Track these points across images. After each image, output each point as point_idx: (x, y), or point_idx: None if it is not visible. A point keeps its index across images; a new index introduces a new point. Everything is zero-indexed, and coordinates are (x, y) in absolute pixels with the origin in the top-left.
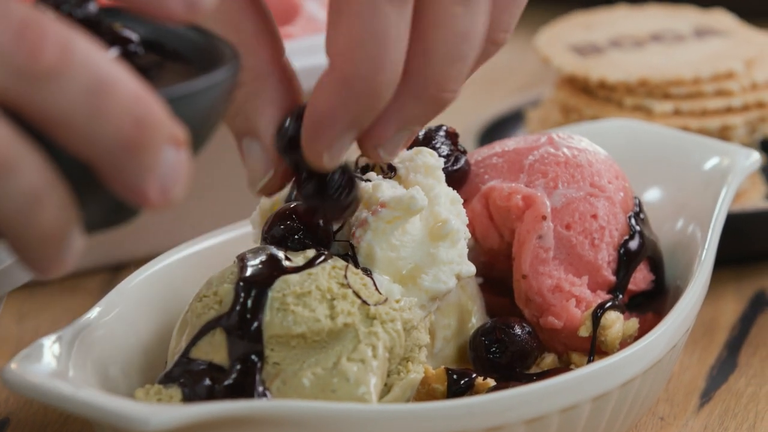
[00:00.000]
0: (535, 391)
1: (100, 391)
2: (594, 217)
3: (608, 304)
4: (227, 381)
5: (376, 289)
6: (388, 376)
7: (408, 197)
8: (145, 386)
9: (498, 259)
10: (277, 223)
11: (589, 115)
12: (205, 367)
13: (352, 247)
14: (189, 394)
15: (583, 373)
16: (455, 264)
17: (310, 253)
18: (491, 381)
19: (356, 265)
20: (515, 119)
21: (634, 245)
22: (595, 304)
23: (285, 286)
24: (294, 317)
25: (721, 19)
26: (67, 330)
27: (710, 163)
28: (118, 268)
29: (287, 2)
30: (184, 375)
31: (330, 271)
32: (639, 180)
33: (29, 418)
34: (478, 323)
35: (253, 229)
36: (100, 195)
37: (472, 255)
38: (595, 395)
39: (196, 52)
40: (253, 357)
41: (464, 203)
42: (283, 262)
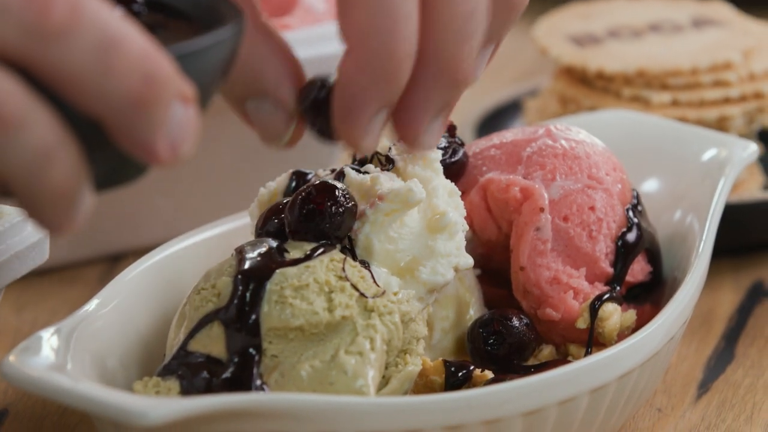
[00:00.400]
0: (533, 383)
1: (99, 383)
2: (592, 209)
3: (606, 295)
4: (225, 374)
5: (374, 281)
6: (386, 369)
7: (406, 190)
8: (144, 379)
9: (496, 250)
10: (271, 218)
11: (587, 106)
12: (203, 360)
13: (350, 239)
14: (187, 386)
15: (580, 365)
16: (453, 256)
17: (308, 245)
18: (489, 373)
19: (354, 257)
20: (513, 109)
21: (631, 237)
22: (592, 296)
23: (283, 279)
24: (292, 310)
25: (719, 9)
26: (65, 322)
27: (708, 155)
28: (116, 259)
29: None
30: (182, 368)
31: (328, 263)
32: (637, 171)
33: (28, 409)
34: (476, 315)
35: (251, 221)
36: (110, 152)
37: (470, 247)
38: (592, 387)
39: (199, 11)
40: (251, 350)
41: (462, 195)
42: (281, 254)
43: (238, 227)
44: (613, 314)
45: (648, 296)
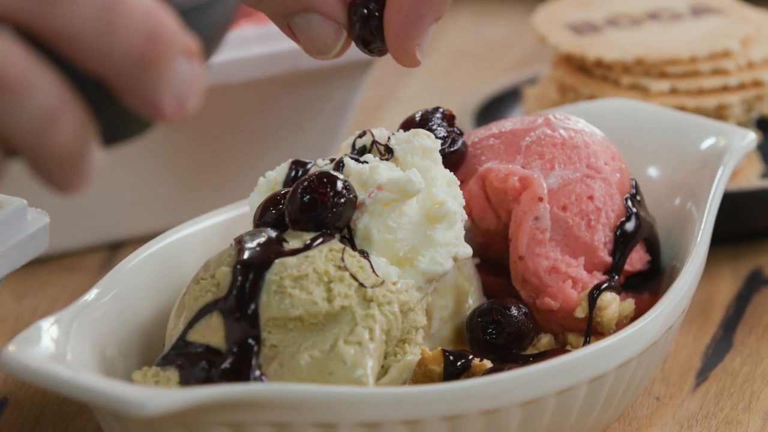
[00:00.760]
0: (532, 373)
1: (99, 374)
2: (590, 198)
3: (604, 285)
4: (224, 364)
5: (373, 271)
6: (385, 358)
7: (405, 179)
8: (143, 368)
9: (495, 239)
10: (269, 209)
11: (586, 94)
12: (202, 350)
13: (350, 229)
14: (186, 376)
15: (579, 355)
16: (452, 246)
17: (308, 235)
18: (488, 362)
19: (353, 247)
20: (512, 97)
21: (630, 226)
22: (591, 285)
23: (282, 269)
24: (291, 300)
25: None
26: (65, 312)
27: (707, 144)
28: (116, 247)
29: None
30: (181, 358)
31: (327, 253)
32: (636, 160)
33: (28, 398)
34: (475, 304)
35: (251, 210)
36: (116, 110)
37: (469, 236)
38: (591, 377)
39: None
40: (250, 340)
41: (461, 184)
42: (281, 244)
43: (237, 216)
44: (612, 303)
45: (646, 285)
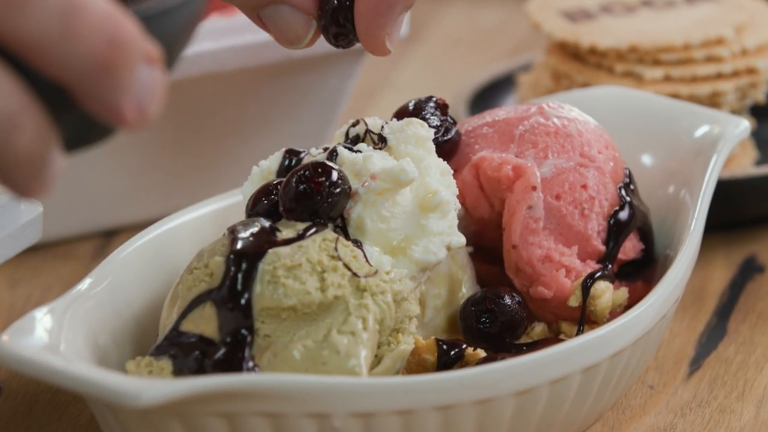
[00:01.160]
0: (525, 363)
1: (92, 364)
2: (584, 187)
3: (598, 273)
4: (217, 354)
5: (367, 261)
6: (379, 348)
7: (398, 169)
8: (136, 358)
9: (488, 228)
10: (261, 199)
11: (580, 82)
12: (195, 340)
13: (343, 219)
14: (180, 366)
15: (572, 345)
16: (445, 235)
17: (301, 225)
18: (481, 352)
19: (347, 236)
20: (506, 84)
21: (623, 215)
22: (584, 274)
23: (276, 259)
24: (284, 290)
25: None
26: (58, 302)
27: (700, 132)
28: (110, 234)
29: None
30: (174, 347)
31: (320, 243)
32: (629, 148)
33: (22, 387)
34: (468, 293)
35: (244, 199)
36: (77, 115)
37: (463, 224)
38: (584, 367)
39: None
40: (244, 330)
41: (455, 173)
42: (274, 234)
43: (231, 205)
44: (605, 292)
45: (640, 273)
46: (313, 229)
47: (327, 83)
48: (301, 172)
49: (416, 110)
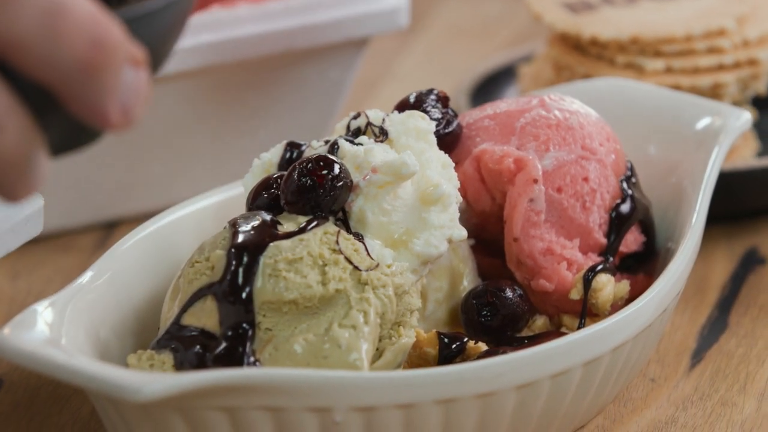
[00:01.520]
0: (526, 357)
1: (94, 357)
2: (585, 179)
3: (599, 266)
4: (219, 348)
5: (368, 254)
6: (380, 341)
7: (399, 162)
8: (138, 352)
9: (490, 221)
10: (261, 193)
11: (581, 73)
12: (196, 334)
13: (344, 212)
14: (181, 360)
15: (573, 338)
16: (447, 228)
17: (302, 218)
18: (483, 345)
19: (348, 230)
20: (507, 75)
21: (625, 208)
22: (586, 267)
23: (277, 252)
24: (286, 283)
25: None
26: (59, 295)
27: (702, 123)
28: (111, 226)
29: None
30: (175, 341)
31: (321, 236)
32: (631, 140)
33: (23, 380)
34: (469, 286)
35: (246, 192)
36: (62, 118)
37: (464, 217)
38: (585, 360)
39: None
40: (245, 324)
41: (456, 166)
42: (275, 228)
43: (232, 197)
44: (607, 285)
45: (641, 266)
46: (315, 223)
47: (328, 75)
48: (303, 165)
49: (417, 103)
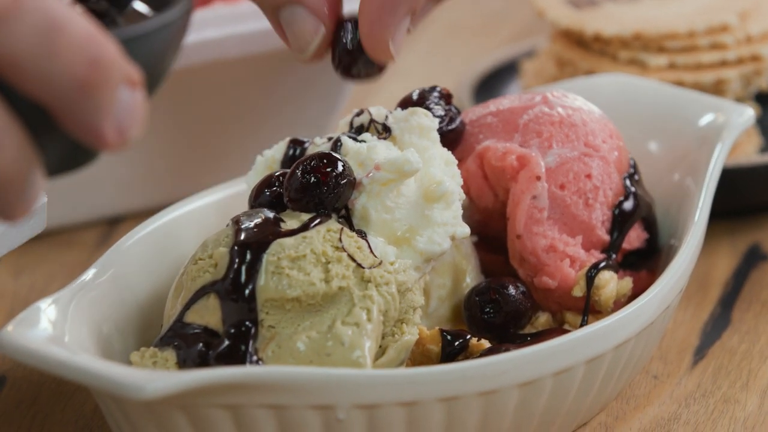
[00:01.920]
0: (529, 354)
1: (97, 355)
2: (588, 176)
3: (602, 263)
4: (221, 345)
5: (371, 251)
6: (383, 339)
7: (402, 159)
8: (141, 349)
9: (492, 217)
10: (263, 191)
11: (584, 69)
12: (199, 331)
13: (347, 209)
14: (184, 357)
15: (576, 336)
16: (450, 225)
17: (305, 216)
18: (486, 342)
19: (351, 227)
20: (510, 71)
21: (628, 205)
22: (589, 264)
23: (280, 250)
24: (289, 281)
25: None
26: (63, 292)
27: (705, 120)
28: (114, 222)
29: None
30: (178, 339)
31: (325, 234)
32: (634, 136)
33: (26, 377)
34: (472, 283)
35: (249, 188)
36: (58, 137)
37: (467, 214)
38: (588, 358)
39: None
40: (248, 321)
41: (459, 163)
42: (278, 225)
43: (235, 194)
44: (609, 282)
45: (644, 263)
46: (318, 220)
47: (331, 71)
48: (307, 163)
49: (420, 100)
